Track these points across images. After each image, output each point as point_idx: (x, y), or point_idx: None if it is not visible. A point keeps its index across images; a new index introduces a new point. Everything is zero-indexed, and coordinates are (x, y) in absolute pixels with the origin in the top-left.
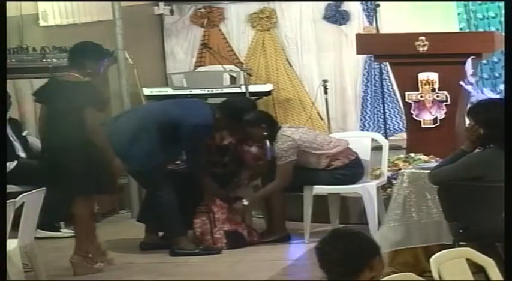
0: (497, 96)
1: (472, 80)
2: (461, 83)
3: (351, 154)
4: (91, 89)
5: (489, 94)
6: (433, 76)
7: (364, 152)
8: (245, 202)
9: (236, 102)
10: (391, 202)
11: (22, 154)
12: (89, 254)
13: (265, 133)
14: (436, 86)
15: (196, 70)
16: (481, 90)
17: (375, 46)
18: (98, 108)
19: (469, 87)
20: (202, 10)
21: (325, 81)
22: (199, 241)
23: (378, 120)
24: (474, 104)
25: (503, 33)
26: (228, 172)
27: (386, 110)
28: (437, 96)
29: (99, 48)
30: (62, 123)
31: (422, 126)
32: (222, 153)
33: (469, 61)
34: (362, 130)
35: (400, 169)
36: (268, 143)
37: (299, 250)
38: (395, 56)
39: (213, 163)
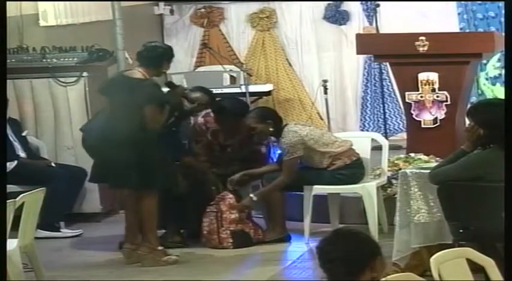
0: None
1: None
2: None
3: (354, 155)
4: (156, 87)
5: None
6: (433, 76)
7: (364, 152)
8: (254, 198)
9: (229, 102)
10: (398, 204)
11: (22, 154)
12: (159, 247)
13: (271, 129)
14: (436, 86)
15: (196, 70)
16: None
17: (375, 46)
18: (160, 106)
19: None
20: (202, 10)
21: (325, 81)
22: (206, 240)
23: (378, 120)
24: (473, 105)
25: (503, 33)
26: (230, 173)
27: (387, 110)
28: (437, 96)
29: (169, 49)
30: (124, 118)
31: (422, 126)
32: (224, 153)
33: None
34: (362, 130)
35: (400, 169)
36: (270, 144)
37: (299, 250)
38: (395, 56)
39: (215, 163)
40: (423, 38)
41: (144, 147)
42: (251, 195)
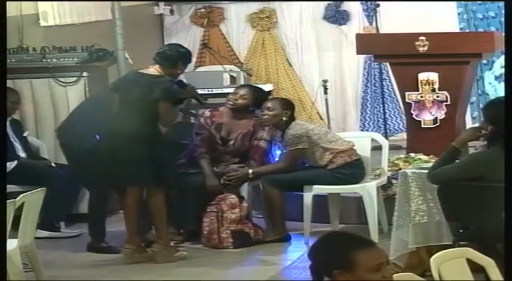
0: None
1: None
2: None
3: (354, 154)
4: (171, 83)
5: None
6: (433, 76)
7: (364, 152)
8: (251, 175)
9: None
10: (397, 203)
11: (22, 154)
12: (171, 242)
13: (284, 119)
14: (436, 86)
15: (196, 70)
16: None
17: (375, 46)
18: (174, 103)
19: None
20: (202, 10)
21: (325, 81)
22: (206, 240)
23: (378, 120)
24: (491, 100)
25: (503, 33)
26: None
27: (387, 110)
28: (437, 96)
29: (188, 53)
30: (136, 114)
31: (422, 126)
32: (225, 147)
33: None
34: (362, 130)
35: (400, 169)
36: (273, 141)
37: (299, 250)
38: (395, 56)
39: (215, 158)
40: (423, 38)
41: (154, 143)
42: (249, 170)
